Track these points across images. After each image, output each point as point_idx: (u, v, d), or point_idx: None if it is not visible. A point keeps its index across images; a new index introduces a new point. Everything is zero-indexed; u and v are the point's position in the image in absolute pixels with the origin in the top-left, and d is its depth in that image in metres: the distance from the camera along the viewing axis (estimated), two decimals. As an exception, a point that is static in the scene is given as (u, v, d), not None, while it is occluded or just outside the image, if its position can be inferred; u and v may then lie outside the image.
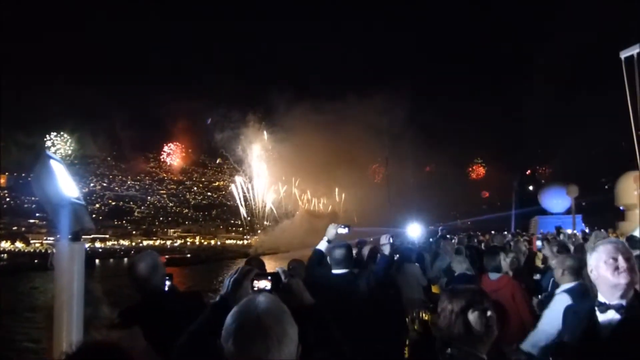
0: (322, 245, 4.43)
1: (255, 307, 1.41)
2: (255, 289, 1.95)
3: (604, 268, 2.39)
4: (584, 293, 3.59)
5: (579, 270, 3.89)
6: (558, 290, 3.89)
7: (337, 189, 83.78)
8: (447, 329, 2.21)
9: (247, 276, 1.99)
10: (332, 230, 4.47)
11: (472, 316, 2.15)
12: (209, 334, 1.84)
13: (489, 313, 2.14)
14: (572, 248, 8.20)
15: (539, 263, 7.97)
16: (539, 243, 5.25)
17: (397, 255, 5.22)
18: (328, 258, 4.35)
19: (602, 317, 2.38)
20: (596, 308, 2.40)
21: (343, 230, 4.50)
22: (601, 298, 2.42)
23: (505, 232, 16.16)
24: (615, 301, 2.35)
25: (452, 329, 2.20)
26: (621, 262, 2.34)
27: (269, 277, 1.98)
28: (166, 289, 3.17)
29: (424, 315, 5.90)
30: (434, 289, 7.84)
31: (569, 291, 3.74)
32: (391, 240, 5.09)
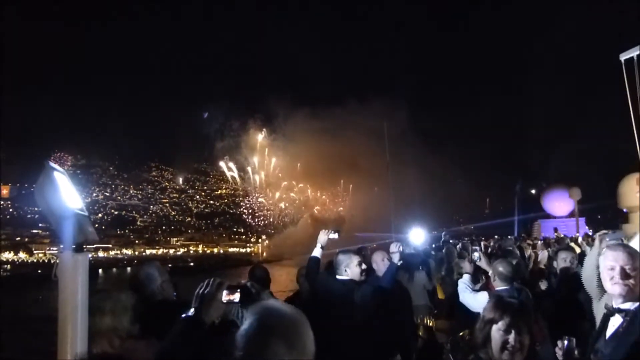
0: (317, 252, 4.47)
1: (279, 310, 1.41)
2: (225, 301, 1.97)
3: (603, 275, 2.39)
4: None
5: (510, 276, 4.18)
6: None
7: (342, 194, 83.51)
8: (476, 333, 2.20)
9: (220, 289, 2.00)
10: (324, 237, 4.53)
11: (494, 330, 2.12)
12: (184, 348, 1.83)
13: (511, 336, 2.08)
14: (588, 249, 8.15)
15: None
16: (476, 255, 5.15)
17: (401, 261, 5.18)
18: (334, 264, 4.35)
19: (611, 320, 2.38)
20: (607, 311, 2.41)
21: (334, 236, 4.57)
22: (612, 301, 2.42)
23: (510, 237, 16.07)
24: (621, 305, 2.34)
25: (477, 335, 2.19)
26: (617, 272, 2.33)
27: (238, 290, 2.00)
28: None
29: (428, 321, 5.86)
30: (440, 295, 7.80)
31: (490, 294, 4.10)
32: (401, 249, 5.06)
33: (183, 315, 1.94)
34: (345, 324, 3.84)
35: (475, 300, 4.38)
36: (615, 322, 2.34)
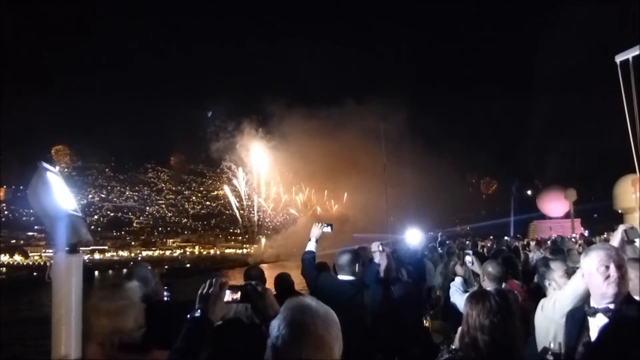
0: (312, 246, 4.42)
1: (313, 309, 1.39)
2: (228, 301, 2.02)
3: (595, 275, 2.37)
4: None
5: (499, 276, 4.21)
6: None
7: (341, 194, 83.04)
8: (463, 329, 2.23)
9: (223, 288, 2.02)
10: (317, 230, 4.49)
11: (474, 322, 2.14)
12: (197, 348, 1.84)
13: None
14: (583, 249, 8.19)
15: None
16: (468, 259, 5.11)
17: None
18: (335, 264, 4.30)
19: (592, 321, 2.37)
20: (586, 312, 2.40)
21: (327, 229, 4.52)
22: (592, 302, 2.42)
23: (506, 238, 16.13)
24: (604, 305, 2.34)
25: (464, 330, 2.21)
26: (612, 271, 2.32)
27: (239, 290, 2.07)
28: (165, 299, 3.17)
29: (425, 322, 5.84)
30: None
31: None
32: (381, 248, 5.02)
33: (189, 316, 1.94)
34: (354, 326, 3.78)
35: (462, 301, 4.45)
36: (599, 322, 2.33)
